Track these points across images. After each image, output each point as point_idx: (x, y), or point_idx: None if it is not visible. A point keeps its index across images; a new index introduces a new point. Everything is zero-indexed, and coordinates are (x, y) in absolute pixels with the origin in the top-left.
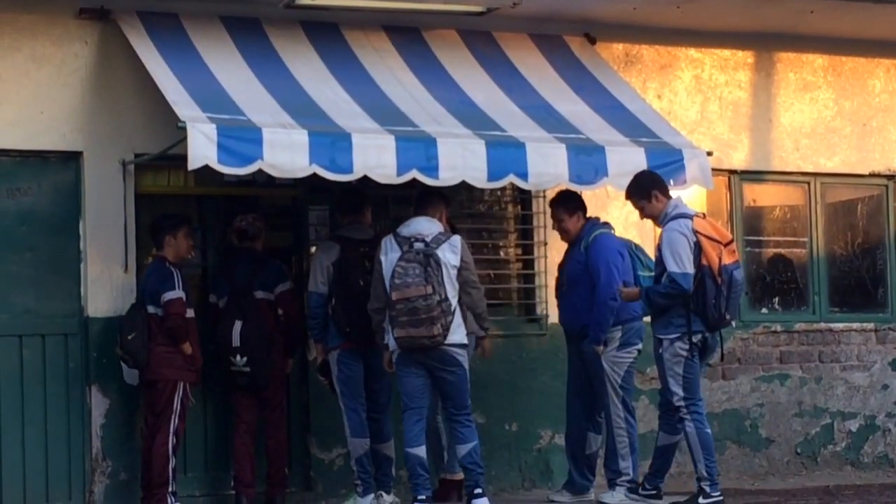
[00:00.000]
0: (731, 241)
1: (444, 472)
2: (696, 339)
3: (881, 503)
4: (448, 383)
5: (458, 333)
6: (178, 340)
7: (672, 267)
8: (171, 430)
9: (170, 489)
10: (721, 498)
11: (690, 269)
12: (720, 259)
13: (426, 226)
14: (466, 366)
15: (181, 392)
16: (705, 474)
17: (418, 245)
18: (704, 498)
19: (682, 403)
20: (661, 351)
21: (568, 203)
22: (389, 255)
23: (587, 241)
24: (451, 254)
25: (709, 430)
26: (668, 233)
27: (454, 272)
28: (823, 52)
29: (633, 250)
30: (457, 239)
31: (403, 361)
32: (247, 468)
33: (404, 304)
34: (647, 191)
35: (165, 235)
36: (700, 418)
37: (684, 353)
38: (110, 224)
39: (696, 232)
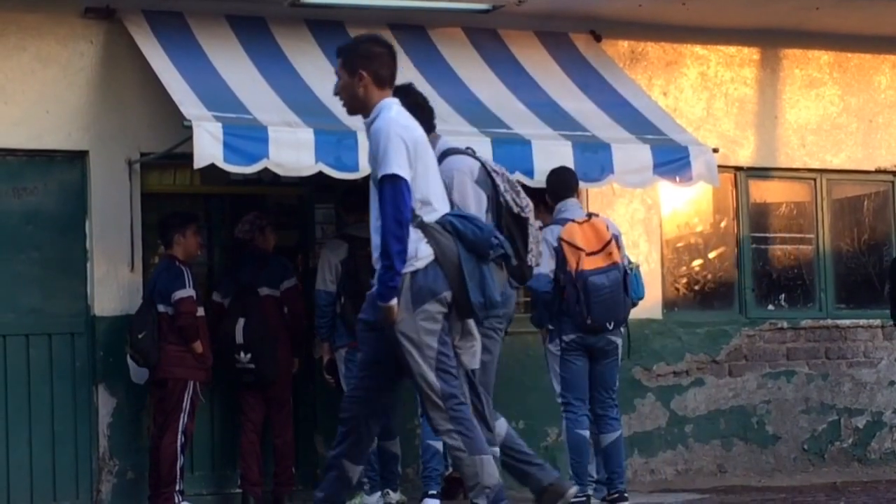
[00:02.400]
0: (598, 250)
1: (450, 469)
2: (567, 338)
3: (888, 499)
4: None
5: None
6: (189, 339)
7: None
8: (181, 428)
9: (177, 488)
10: (584, 499)
11: (545, 269)
12: (577, 265)
13: None
14: None
15: (192, 391)
16: (570, 473)
17: None
18: None
19: (559, 400)
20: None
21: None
22: None
23: None
24: None
25: (581, 432)
26: None
27: None
28: (829, 49)
29: None
30: None
31: None
32: (253, 467)
33: None
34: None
35: (175, 234)
36: (573, 418)
37: (557, 353)
38: (116, 223)
39: (560, 239)
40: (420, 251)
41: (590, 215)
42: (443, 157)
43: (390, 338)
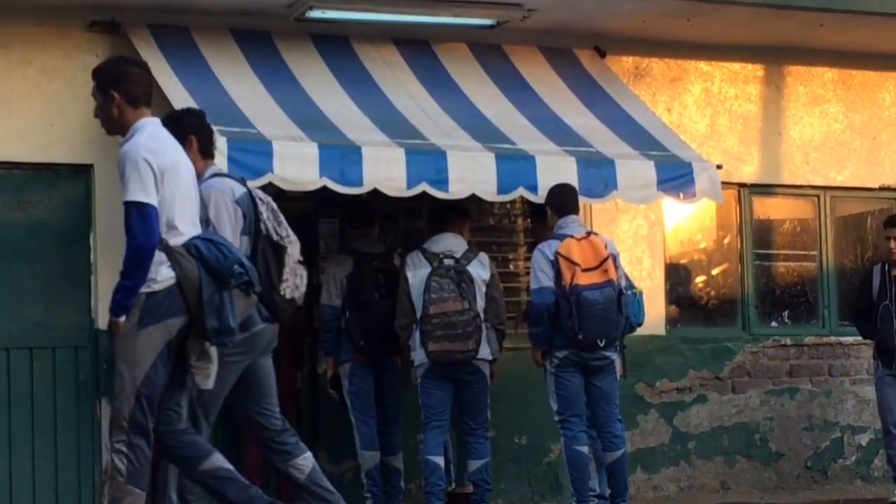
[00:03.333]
0: (594, 267)
1: (454, 485)
2: (560, 355)
3: None
4: (471, 398)
5: (485, 349)
6: None
7: (531, 284)
8: None
9: None
10: None
11: (546, 283)
12: (572, 280)
13: (454, 242)
14: (488, 382)
15: None
16: (571, 490)
17: (448, 261)
18: None
19: (556, 418)
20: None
21: (531, 215)
22: (419, 271)
23: None
24: (481, 269)
25: (579, 448)
26: (535, 252)
27: (483, 288)
28: (833, 66)
29: None
30: (484, 255)
31: (432, 375)
32: (256, 480)
33: (441, 319)
34: (541, 207)
35: None
36: (571, 435)
37: (552, 371)
38: (120, 236)
39: (557, 253)
40: (160, 274)
41: (589, 233)
42: (208, 179)
43: (112, 348)
